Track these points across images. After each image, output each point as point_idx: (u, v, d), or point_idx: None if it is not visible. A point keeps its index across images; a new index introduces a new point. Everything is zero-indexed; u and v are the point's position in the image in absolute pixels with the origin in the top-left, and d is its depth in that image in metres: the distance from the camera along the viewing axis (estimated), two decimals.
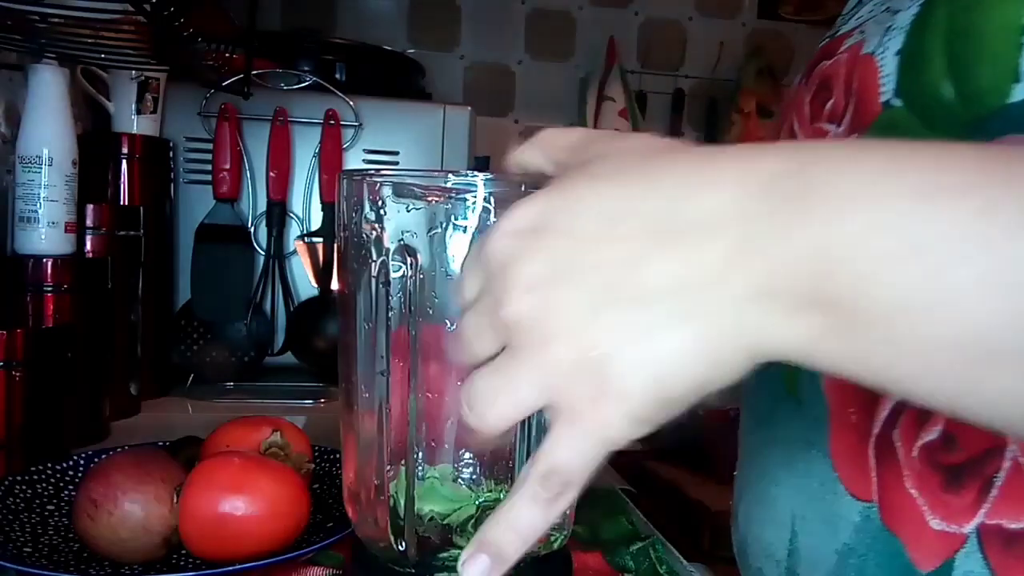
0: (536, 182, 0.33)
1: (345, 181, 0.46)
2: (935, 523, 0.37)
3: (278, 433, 0.61)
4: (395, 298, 0.43)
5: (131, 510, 0.52)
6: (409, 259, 0.43)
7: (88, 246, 0.92)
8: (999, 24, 0.35)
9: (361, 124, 1.22)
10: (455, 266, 0.43)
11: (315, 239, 1.21)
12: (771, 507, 0.46)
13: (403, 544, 0.45)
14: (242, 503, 0.52)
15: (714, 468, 1.97)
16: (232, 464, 0.55)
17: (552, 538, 0.44)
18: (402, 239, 0.43)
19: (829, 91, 0.46)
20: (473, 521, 0.45)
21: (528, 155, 0.37)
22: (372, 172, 0.45)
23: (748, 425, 0.51)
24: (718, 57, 2.08)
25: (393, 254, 0.43)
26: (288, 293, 1.21)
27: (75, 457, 0.65)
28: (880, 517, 0.40)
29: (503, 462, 0.46)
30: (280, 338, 1.21)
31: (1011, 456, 0.35)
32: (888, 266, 0.23)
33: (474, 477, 0.46)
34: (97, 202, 0.94)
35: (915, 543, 0.38)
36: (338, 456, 0.68)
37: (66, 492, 0.62)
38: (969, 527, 0.36)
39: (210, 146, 1.17)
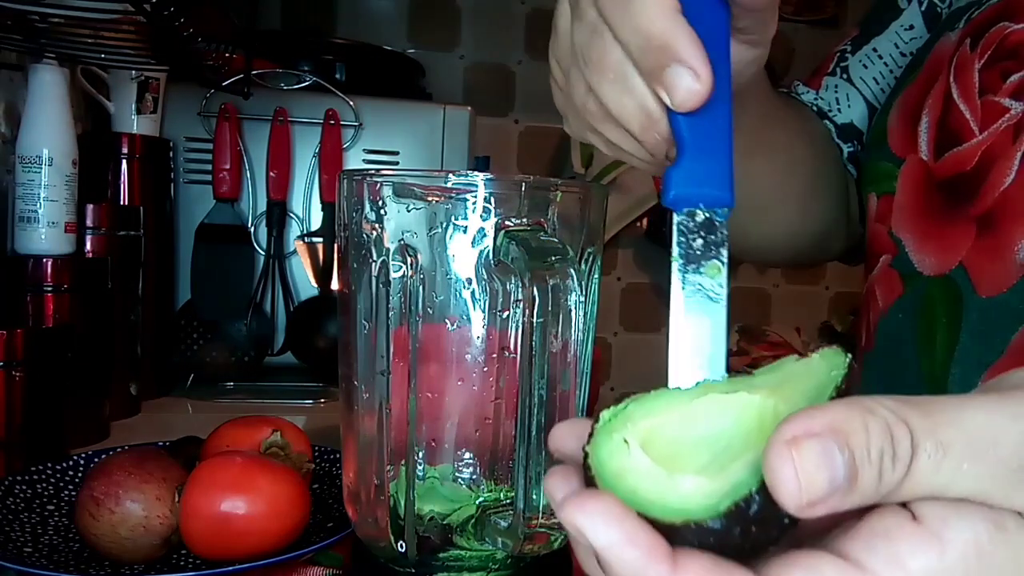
0: (538, 182, 0.33)
1: (345, 181, 0.46)
2: None
3: (278, 433, 0.61)
4: (395, 298, 0.43)
5: (132, 509, 0.52)
6: (409, 259, 0.43)
7: (88, 246, 0.92)
8: None
9: (361, 124, 1.22)
10: (455, 266, 0.43)
11: (315, 239, 1.21)
12: None
13: (403, 544, 0.45)
14: (243, 503, 0.52)
15: None
16: (234, 464, 0.55)
17: (552, 538, 0.44)
18: (402, 239, 0.43)
19: (1018, 61, 0.38)
20: (473, 521, 0.45)
21: None
22: (372, 172, 0.45)
23: None
24: None
25: (393, 254, 0.43)
26: (288, 293, 1.21)
27: (75, 457, 0.65)
28: None
29: (503, 462, 0.46)
30: (280, 338, 1.21)
31: None
32: None
33: (474, 477, 0.46)
34: (97, 202, 0.94)
35: None
36: (338, 456, 0.68)
37: (66, 492, 0.62)
38: None
39: (210, 146, 1.16)
